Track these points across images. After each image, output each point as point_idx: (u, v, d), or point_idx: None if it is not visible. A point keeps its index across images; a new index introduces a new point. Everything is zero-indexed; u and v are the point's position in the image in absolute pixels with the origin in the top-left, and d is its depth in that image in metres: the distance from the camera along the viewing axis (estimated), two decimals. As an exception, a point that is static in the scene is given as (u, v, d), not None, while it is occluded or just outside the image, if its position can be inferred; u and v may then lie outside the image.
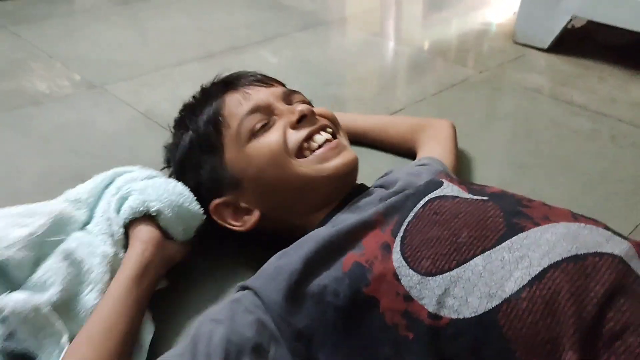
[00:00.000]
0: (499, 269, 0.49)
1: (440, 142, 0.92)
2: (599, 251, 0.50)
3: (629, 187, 0.96)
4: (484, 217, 0.55)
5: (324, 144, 0.68)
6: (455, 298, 0.49)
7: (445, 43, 1.58)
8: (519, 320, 0.46)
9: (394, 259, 0.53)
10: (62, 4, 1.72)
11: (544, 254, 0.49)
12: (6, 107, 1.13)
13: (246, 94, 0.70)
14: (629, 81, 1.34)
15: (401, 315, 0.51)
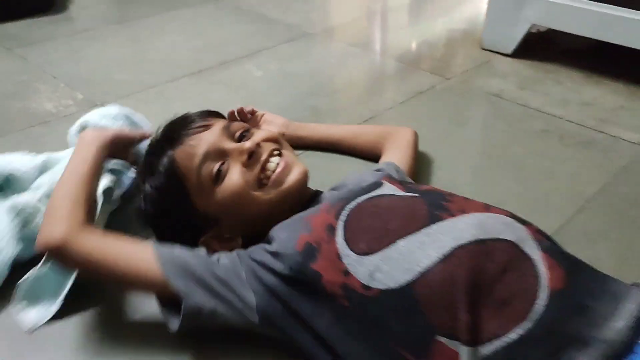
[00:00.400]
0: (417, 250, 0.63)
1: (401, 149, 1.05)
2: (497, 237, 0.63)
3: (568, 183, 1.08)
4: (411, 209, 0.69)
5: (276, 168, 0.78)
6: (383, 273, 0.62)
7: (417, 52, 1.71)
8: (429, 288, 0.60)
9: (337, 242, 0.67)
10: (63, 24, 1.84)
11: (454, 238, 0.63)
12: (18, 127, 1.26)
13: (191, 145, 0.77)
14: (582, 83, 1.46)
15: (339, 286, 0.64)
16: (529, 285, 0.59)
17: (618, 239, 0.94)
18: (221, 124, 0.82)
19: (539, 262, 0.61)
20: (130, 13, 1.97)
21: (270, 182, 0.78)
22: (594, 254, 0.89)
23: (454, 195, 0.73)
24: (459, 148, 1.20)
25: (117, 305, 0.80)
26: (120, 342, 0.75)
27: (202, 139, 0.78)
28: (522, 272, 0.60)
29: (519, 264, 0.61)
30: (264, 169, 0.78)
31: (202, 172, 0.76)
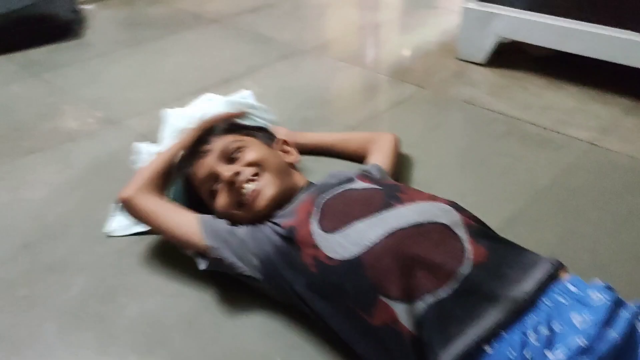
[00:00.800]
0: (369, 229, 0.81)
1: (383, 151, 1.23)
2: (434, 221, 0.81)
3: (523, 177, 1.26)
4: (371, 198, 0.87)
5: (251, 192, 0.97)
6: (342, 246, 0.81)
7: (399, 65, 1.88)
8: (373, 258, 0.78)
9: (311, 222, 0.86)
10: (81, 50, 2.04)
11: (398, 221, 0.81)
12: (49, 143, 1.45)
13: (197, 168, 1.02)
14: (544, 88, 1.64)
15: (311, 257, 0.83)
16: (456, 258, 0.77)
17: (562, 224, 1.12)
18: (221, 147, 1.01)
19: (466, 242, 0.79)
20: (140, 37, 2.16)
21: (245, 204, 0.97)
22: (541, 237, 1.08)
23: (409, 188, 0.92)
24: (430, 150, 1.38)
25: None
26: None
27: (203, 164, 1.01)
28: (451, 247, 0.78)
29: (449, 241, 0.79)
30: (241, 193, 0.97)
31: (203, 191, 1.02)
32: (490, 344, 0.70)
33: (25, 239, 1.12)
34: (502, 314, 0.71)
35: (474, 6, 1.72)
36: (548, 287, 0.74)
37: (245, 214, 0.97)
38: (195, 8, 2.41)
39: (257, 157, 1.01)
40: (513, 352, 0.68)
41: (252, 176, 0.98)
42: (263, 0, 2.48)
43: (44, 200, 1.24)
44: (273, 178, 0.99)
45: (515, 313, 0.71)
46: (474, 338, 0.69)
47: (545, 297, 0.73)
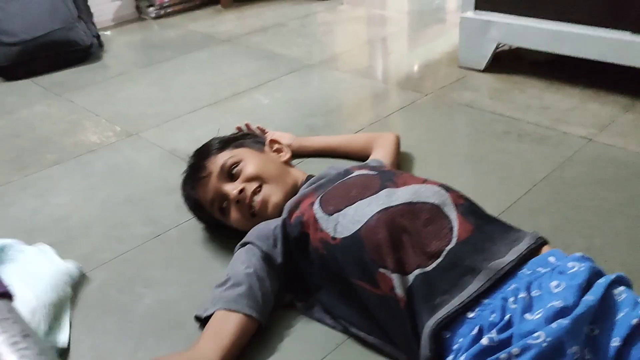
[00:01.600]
0: (365, 207, 0.87)
1: (384, 147, 1.31)
2: (425, 201, 0.87)
3: (520, 172, 1.31)
4: (368, 182, 0.94)
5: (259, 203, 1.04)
6: (342, 226, 0.87)
7: (402, 74, 1.96)
8: (369, 233, 0.84)
9: (314, 209, 0.92)
10: (100, 71, 2.15)
11: (392, 200, 0.87)
12: (71, 156, 1.54)
13: (202, 191, 1.07)
14: (544, 90, 1.69)
15: (318, 240, 0.89)
16: (443, 234, 0.82)
17: (557, 213, 1.16)
18: (217, 168, 1.06)
19: (454, 220, 0.85)
20: (155, 57, 2.27)
21: (257, 214, 1.04)
22: (537, 224, 1.12)
23: (403, 172, 1.00)
24: (431, 149, 1.43)
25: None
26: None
27: (208, 187, 1.06)
28: (440, 225, 0.84)
29: (438, 220, 0.85)
30: (251, 206, 1.04)
31: (214, 210, 1.08)
32: (472, 310, 0.74)
33: (51, 238, 1.20)
34: (481, 283, 0.76)
35: (472, 15, 1.80)
36: (529, 259, 0.79)
37: (258, 222, 1.03)
38: (206, 29, 2.53)
39: (255, 171, 1.06)
40: (493, 315, 0.72)
41: (256, 189, 1.05)
42: (272, 20, 2.58)
43: (67, 204, 1.33)
44: (275, 185, 1.06)
45: (495, 282, 0.76)
46: (456, 305, 0.74)
47: (526, 267, 0.78)
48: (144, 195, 1.34)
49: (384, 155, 1.27)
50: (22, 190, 1.40)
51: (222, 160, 1.07)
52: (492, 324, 0.71)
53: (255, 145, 1.16)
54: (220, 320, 0.87)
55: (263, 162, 1.09)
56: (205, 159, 1.10)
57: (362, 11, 2.70)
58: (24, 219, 1.29)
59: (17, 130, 1.72)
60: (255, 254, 0.95)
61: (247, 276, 0.91)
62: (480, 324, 0.72)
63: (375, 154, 1.29)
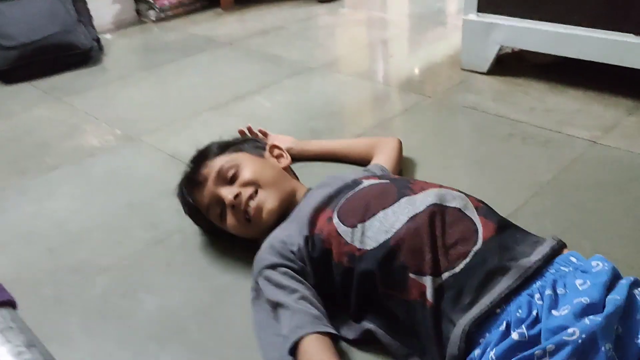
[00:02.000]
0: (392, 216, 0.87)
1: (386, 153, 1.29)
2: (447, 205, 0.87)
3: (526, 174, 1.30)
4: (384, 191, 0.93)
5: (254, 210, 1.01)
6: (369, 237, 0.86)
7: (405, 77, 1.94)
8: (401, 240, 0.83)
9: (334, 223, 0.90)
10: (100, 75, 2.14)
11: (417, 207, 0.87)
12: (71, 160, 1.53)
13: (201, 198, 1.06)
14: (547, 93, 1.68)
15: (343, 254, 0.88)
16: (469, 235, 0.83)
17: (562, 215, 1.15)
18: (213, 175, 1.05)
19: (477, 221, 0.86)
20: (155, 61, 2.26)
21: (252, 220, 1.02)
22: (542, 227, 1.11)
23: (416, 180, 0.98)
24: (435, 152, 1.42)
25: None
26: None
27: (205, 192, 1.05)
28: (464, 227, 0.84)
29: (462, 221, 0.85)
30: (246, 212, 1.02)
31: (211, 215, 1.06)
32: (500, 308, 0.74)
33: (50, 244, 1.19)
34: (511, 281, 0.76)
35: (474, 18, 1.79)
36: (553, 259, 0.79)
37: (256, 229, 1.02)
38: (207, 32, 2.52)
39: (252, 176, 1.04)
40: (520, 311, 0.72)
41: (252, 194, 1.03)
42: (273, 23, 2.57)
43: (67, 209, 1.31)
44: (271, 191, 1.03)
45: (523, 280, 0.76)
46: (487, 304, 0.74)
47: (550, 267, 0.78)
48: (145, 200, 1.32)
49: (385, 160, 1.25)
50: (21, 195, 1.38)
51: (219, 165, 1.06)
52: (519, 320, 0.71)
53: (255, 150, 1.14)
54: (315, 345, 0.82)
55: (260, 167, 1.07)
56: (203, 163, 1.09)
57: (363, 14, 2.69)
58: (23, 224, 1.27)
59: (16, 134, 1.70)
60: (294, 276, 0.91)
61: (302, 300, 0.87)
62: (507, 319, 0.72)
63: (376, 159, 1.27)
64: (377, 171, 1.17)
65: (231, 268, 1.08)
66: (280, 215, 1.02)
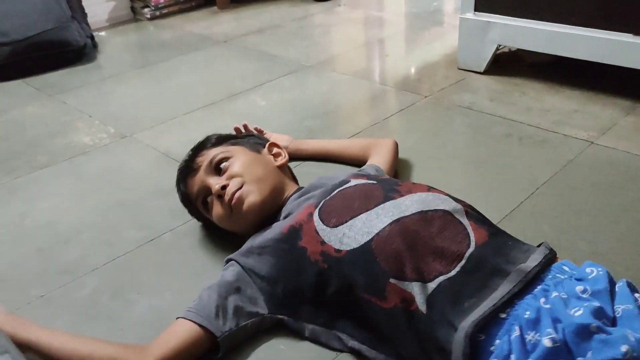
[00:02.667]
0: (374, 219, 0.84)
1: (381, 154, 1.27)
2: (435, 208, 0.85)
3: (522, 175, 1.28)
4: (370, 192, 0.91)
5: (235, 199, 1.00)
6: (349, 238, 0.84)
7: (401, 76, 1.93)
8: (382, 243, 0.81)
9: (314, 221, 0.88)
10: (93, 72, 2.12)
11: (402, 210, 0.84)
12: (63, 157, 1.51)
13: (191, 185, 1.06)
14: (544, 93, 1.67)
15: (319, 254, 0.85)
16: (461, 239, 0.81)
17: (559, 217, 1.14)
18: (205, 163, 1.05)
19: (467, 226, 0.83)
20: (150, 59, 2.24)
21: (233, 212, 1.01)
22: (539, 229, 1.10)
23: (405, 182, 0.96)
24: (431, 152, 1.41)
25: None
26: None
27: (194, 182, 1.06)
28: (455, 231, 0.82)
29: (453, 225, 0.83)
30: (231, 202, 1.01)
31: (199, 204, 1.06)
32: (503, 312, 0.72)
33: (39, 244, 1.17)
34: (512, 285, 0.74)
35: (471, 16, 1.77)
36: (547, 267, 0.78)
37: (238, 222, 1.01)
38: (202, 30, 2.50)
39: (240, 169, 1.03)
40: (527, 313, 0.70)
41: (239, 186, 1.01)
42: (269, 22, 2.55)
43: (57, 208, 1.29)
44: (256, 185, 1.02)
45: (524, 284, 0.74)
46: (491, 306, 0.72)
47: (548, 273, 0.77)
48: (137, 199, 1.30)
49: (380, 161, 1.23)
50: (11, 194, 1.36)
51: (212, 154, 1.06)
52: (529, 321, 0.68)
53: (253, 146, 1.13)
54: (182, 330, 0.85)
55: (251, 162, 1.06)
56: (200, 152, 1.09)
57: (359, 13, 2.67)
58: (12, 224, 1.25)
59: (7, 132, 1.68)
60: (234, 271, 0.92)
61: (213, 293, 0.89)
62: (517, 323, 0.70)
63: (372, 159, 1.26)
64: (372, 172, 1.15)
65: (222, 268, 1.06)
66: (264, 211, 1.01)
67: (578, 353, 0.64)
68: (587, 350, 0.64)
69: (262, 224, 1.00)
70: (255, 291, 0.90)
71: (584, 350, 0.64)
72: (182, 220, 1.18)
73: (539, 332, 0.67)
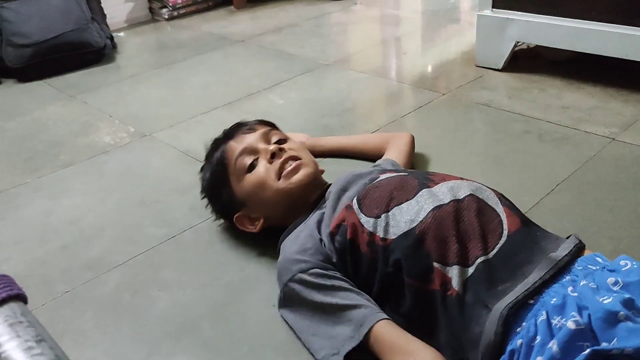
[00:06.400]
0: (416, 206, 0.86)
1: (398, 147, 1.28)
2: (471, 194, 0.87)
3: (542, 172, 1.28)
4: (405, 183, 0.92)
5: (293, 165, 1.02)
6: (393, 226, 0.85)
7: (419, 74, 1.93)
8: (427, 229, 0.82)
9: (356, 214, 0.89)
10: (113, 72, 2.15)
11: (441, 198, 0.86)
12: (84, 157, 1.53)
13: (236, 142, 1.06)
14: (564, 89, 1.65)
15: (367, 244, 0.86)
16: (495, 225, 0.83)
17: (581, 214, 1.13)
18: (263, 130, 1.08)
19: (501, 212, 0.85)
20: (168, 59, 2.26)
21: (282, 176, 1.02)
22: (560, 226, 1.09)
23: (435, 172, 0.98)
24: (450, 149, 1.40)
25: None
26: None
27: (244, 139, 1.06)
28: (490, 217, 0.84)
29: (486, 211, 0.85)
30: (282, 168, 1.02)
31: (238, 162, 1.04)
32: (533, 299, 0.73)
33: (64, 241, 1.19)
34: (543, 272, 0.75)
35: (489, 13, 1.76)
36: (577, 258, 0.78)
37: (280, 186, 1.01)
38: (220, 30, 2.51)
39: (298, 149, 1.07)
40: (554, 300, 0.71)
41: (298, 158, 1.04)
42: (285, 21, 2.56)
43: (80, 206, 1.31)
44: (313, 165, 1.06)
45: (554, 272, 0.75)
46: (523, 292, 0.73)
47: (576, 264, 0.77)
48: (158, 197, 1.32)
49: (396, 155, 1.24)
50: (35, 192, 1.39)
51: (267, 129, 1.09)
52: (555, 307, 0.69)
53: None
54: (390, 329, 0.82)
55: (304, 148, 1.10)
56: (261, 122, 1.12)
57: (376, 11, 2.67)
58: (37, 221, 1.27)
59: (31, 132, 1.71)
60: (328, 275, 0.89)
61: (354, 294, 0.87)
62: (544, 309, 0.71)
63: (388, 154, 1.26)
64: (388, 166, 1.16)
65: (244, 265, 1.07)
66: (305, 193, 1.02)
67: (603, 338, 0.65)
68: (613, 337, 0.64)
69: (288, 212, 1.01)
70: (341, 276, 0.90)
71: (609, 336, 0.64)
72: (203, 217, 1.20)
73: (564, 316, 0.68)
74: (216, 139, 1.13)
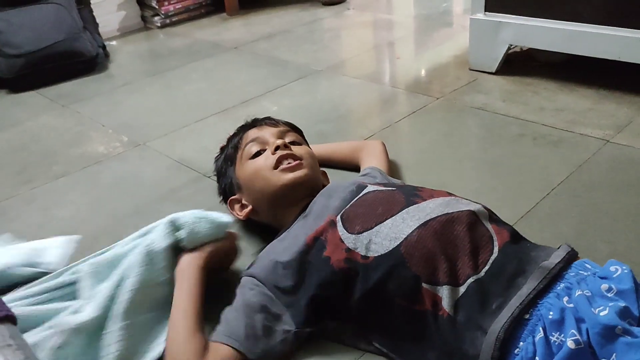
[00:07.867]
0: (401, 224, 0.84)
1: (376, 156, 1.27)
2: (459, 210, 0.85)
3: (538, 175, 1.27)
4: (392, 198, 0.90)
5: (295, 162, 1.03)
6: (376, 244, 0.83)
7: (412, 78, 1.92)
8: (412, 248, 0.80)
9: (338, 230, 0.88)
10: (106, 81, 2.14)
11: (427, 214, 0.85)
12: (77, 167, 1.52)
13: (257, 130, 1.11)
14: (557, 92, 1.65)
15: (344, 261, 0.84)
16: (485, 241, 0.81)
17: (577, 217, 1.12)
18: (283, 128, 1.12)
19: (490, 228, 0.84)
20: (161, 67, 2.25)
21: (279, 170, 1.02)
22: (557, 229, 1.09)
23: (423, 187, 0.96)
24: (444, 154, 1.40)
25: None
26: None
27: (262, 130, 1.10)
28: (480, 233, 0.82)
29: (477, 227, 0.83)
30: (280, 162, 1.03)
31: (246, 149, 1.08)
32: (528, 313, 0.72)
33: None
34: (536, 282, 0.74)
35: (482, 17, 1.76)
36: (570, 265, 0.78)
37: (273, 178, 1.02)
38: (213, 37, 2.51)
39: (304, 152, 1.09)
40: (551, 313, 0.70)
41: (300, 160, 1.05)
42: (279, 27, 2.56)
43: (74, 217, 1.30)
44: (312, 170, 1.06)
45: (547, 281, 0.74)
46: (517, 305, 0.72)
47: (570, 271, 0.77)
48: (153, 206, 1.31)
49: (377, 162, 1.23)
50: (28, 204, 1.37)
51: (287, 129, 1.14)
52: (553, 322, 0.69)
53: None
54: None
55: (313, 156, 1.12)
56: (284, 122, 1.17)
57: (369, 16, 2.67)
58: (30, 234, 1.26)
59: (23, 143, 1.70)
60: (257, 289, 0.89)
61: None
62: (541, 324, 0.70)
63: (369, 162, 1.25)
64: (376, 174, 1.16)
65: (238, 270, 1.06)
66: (296, 193, 1.03)
67: (602, 355, 0.64)
68: (612, 353, 0.63)
69: (274, 209, 1.03)
70: (281, 307, 0.87)
71: (608, 352, 0.63)
72: (197, 227, 1.18)
73: (563, 332, 0.67)
74: (242, 125, 1.18)
